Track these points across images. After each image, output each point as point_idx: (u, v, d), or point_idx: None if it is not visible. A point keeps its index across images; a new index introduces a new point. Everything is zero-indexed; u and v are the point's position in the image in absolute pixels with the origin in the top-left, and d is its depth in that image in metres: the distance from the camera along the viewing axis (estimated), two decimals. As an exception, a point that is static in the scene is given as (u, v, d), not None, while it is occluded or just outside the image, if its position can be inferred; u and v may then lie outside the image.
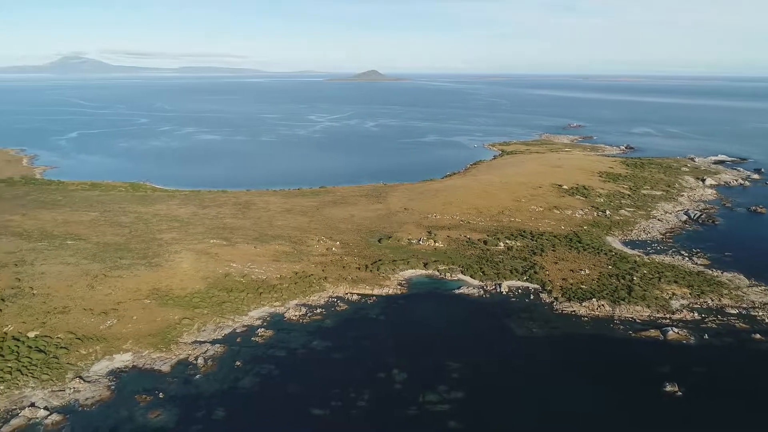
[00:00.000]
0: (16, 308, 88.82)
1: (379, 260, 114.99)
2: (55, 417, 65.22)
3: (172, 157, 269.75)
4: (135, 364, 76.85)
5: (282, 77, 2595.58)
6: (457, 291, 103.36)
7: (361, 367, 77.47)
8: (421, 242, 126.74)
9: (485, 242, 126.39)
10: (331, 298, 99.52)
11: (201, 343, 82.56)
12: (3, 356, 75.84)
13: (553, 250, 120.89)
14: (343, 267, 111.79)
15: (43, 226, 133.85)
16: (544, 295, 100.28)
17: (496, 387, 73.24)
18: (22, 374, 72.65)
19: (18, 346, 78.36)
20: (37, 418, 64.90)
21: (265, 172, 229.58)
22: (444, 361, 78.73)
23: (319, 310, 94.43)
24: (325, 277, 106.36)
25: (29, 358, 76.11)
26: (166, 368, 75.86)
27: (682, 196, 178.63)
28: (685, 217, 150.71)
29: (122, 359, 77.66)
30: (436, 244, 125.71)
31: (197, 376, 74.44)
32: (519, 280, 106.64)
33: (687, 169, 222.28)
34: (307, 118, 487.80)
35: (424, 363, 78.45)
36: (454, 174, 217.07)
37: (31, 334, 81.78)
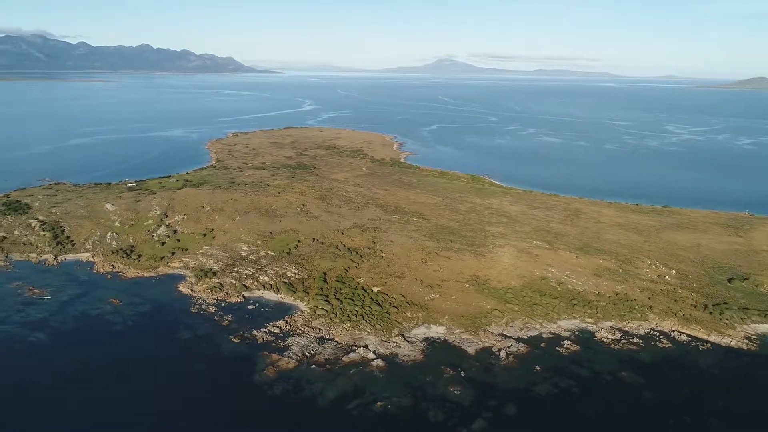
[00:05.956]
0: (369, 265, 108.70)
1: (725, 303, 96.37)
2: (380, 362, 77.50)
3: (511, 156, 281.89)
4: (446, 338, 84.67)
5: (638, 82, 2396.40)
6: (836, 369, 78.58)
7: (676, 419, 67.16)
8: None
9: None
10: (653, 330, 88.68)
11: (506, 337, 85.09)
12: (353, 301, 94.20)
13: None
14: (675, 300, 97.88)
15: (397, 202, 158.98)
16: None
17: None
18: (364, 320, 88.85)
19: (364, 297, 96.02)
20: (368, 358, 78.36)
21: (601, 181, 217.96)
22: (796, 451, 61.39)
23: (635, 340, 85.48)
24: (650, 306, 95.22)
25: (370, 308, 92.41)
26: (471, 350, 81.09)
27: None
28: None
29: (437, 330, 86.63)
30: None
31: (497, 367, 77.16)
32: None
33: None
34: (662, 128, 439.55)
35: (766, 443, 62.79)
36: None
37: (375, 289, 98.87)
